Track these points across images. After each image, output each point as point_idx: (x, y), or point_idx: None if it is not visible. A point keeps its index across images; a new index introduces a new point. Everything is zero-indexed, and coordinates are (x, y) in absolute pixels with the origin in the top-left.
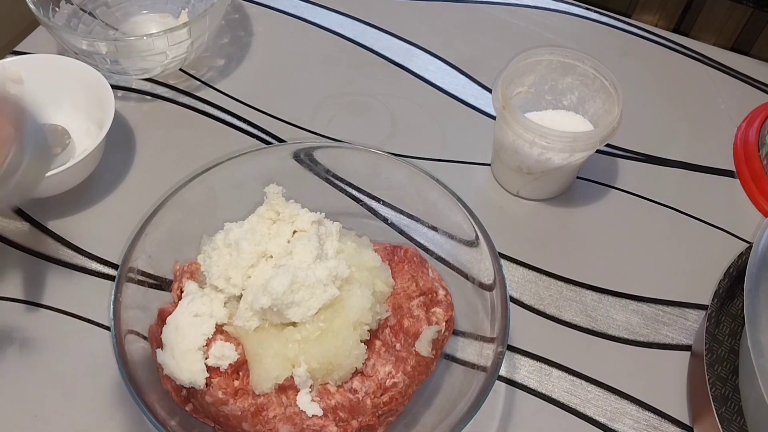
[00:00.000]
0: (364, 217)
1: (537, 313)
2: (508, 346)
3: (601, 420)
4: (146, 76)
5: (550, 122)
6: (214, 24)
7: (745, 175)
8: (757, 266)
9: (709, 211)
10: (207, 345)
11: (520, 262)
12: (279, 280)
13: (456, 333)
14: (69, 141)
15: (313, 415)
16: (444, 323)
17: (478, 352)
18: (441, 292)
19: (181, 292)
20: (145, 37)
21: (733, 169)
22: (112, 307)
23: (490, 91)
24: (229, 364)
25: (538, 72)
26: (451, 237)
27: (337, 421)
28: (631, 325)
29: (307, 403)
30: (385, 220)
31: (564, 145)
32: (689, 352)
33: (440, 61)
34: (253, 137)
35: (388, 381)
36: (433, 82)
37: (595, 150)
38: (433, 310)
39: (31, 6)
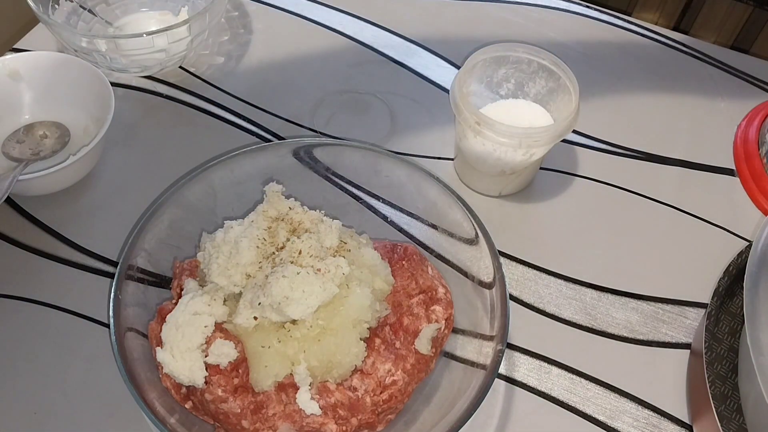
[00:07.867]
0: (363, 215)
1: (536, 311)
2: (508, 344)
3: (601, 418)
4: (146, 73)
5: (506, 115)
6: (214, 21)
7: (745, 173)
8: (756, 265)
9: (709, 209)
10: (207, 343)
11: (520, 260)
12: (278, 278)
13: (455, 331)
14: (68, 138)
15: (312, 413)
16: (443, 321)
17: (478, 350)
18: (440, 290)
19: (181, 289)
20: (144, 35)
21: (733, 167)
22: (111, 304)
23: None
24: (229, 362)
25: (476, 73)
26: (451, 235)
27: (336, 418)
28: (630, 323)
29: (306, 400)
30: (384, 217)
31: (549, 138)
32: (689, 351)
33: (440, 58)
34: (253, 135)
35: (387, 379)
36: (433, 80)
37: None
38: (432, 308)
39: (31, 3)
